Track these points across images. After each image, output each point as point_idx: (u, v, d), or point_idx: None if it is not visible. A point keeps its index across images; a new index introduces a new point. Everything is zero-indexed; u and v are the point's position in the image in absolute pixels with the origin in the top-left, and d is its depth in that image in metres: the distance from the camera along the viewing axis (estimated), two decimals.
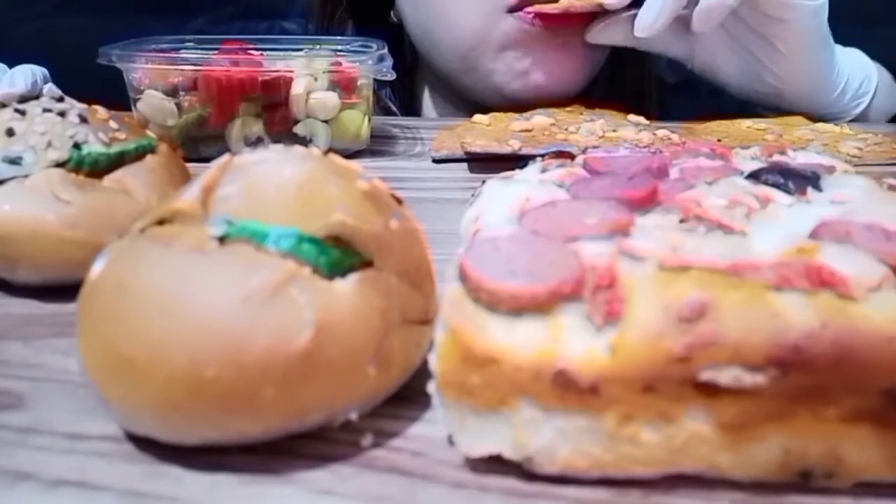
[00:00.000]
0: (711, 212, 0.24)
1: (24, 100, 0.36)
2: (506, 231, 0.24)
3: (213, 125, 0.52)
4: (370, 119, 0.55)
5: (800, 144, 0.53)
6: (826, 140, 0.55)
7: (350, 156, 0.52)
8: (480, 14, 0.61)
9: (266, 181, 0.24)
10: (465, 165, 0.53)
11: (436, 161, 0.54)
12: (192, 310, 0.21)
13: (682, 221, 0.24)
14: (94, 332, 0.22)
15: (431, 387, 0.21)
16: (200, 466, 0.22)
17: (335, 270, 0.23)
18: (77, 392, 0.26)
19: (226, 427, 0.22)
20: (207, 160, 0.33)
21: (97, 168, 0.34)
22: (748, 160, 0.30)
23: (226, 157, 0.26)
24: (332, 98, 0.52)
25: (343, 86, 0.53)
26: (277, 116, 0.52)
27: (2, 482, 0.22)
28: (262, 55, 0.54)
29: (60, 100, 0.36)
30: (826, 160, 0.30)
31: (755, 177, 0.27)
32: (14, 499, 0.21)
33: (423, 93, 0.78)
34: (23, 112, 0.34)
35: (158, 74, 0.51)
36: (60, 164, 0.33)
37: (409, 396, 0.25)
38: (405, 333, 0.24)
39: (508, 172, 0.30)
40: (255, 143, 0.52)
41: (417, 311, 0.25)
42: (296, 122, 0.53)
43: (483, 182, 0.29)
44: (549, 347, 0.20)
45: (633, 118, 0.59)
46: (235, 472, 0.22)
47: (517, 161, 0.40)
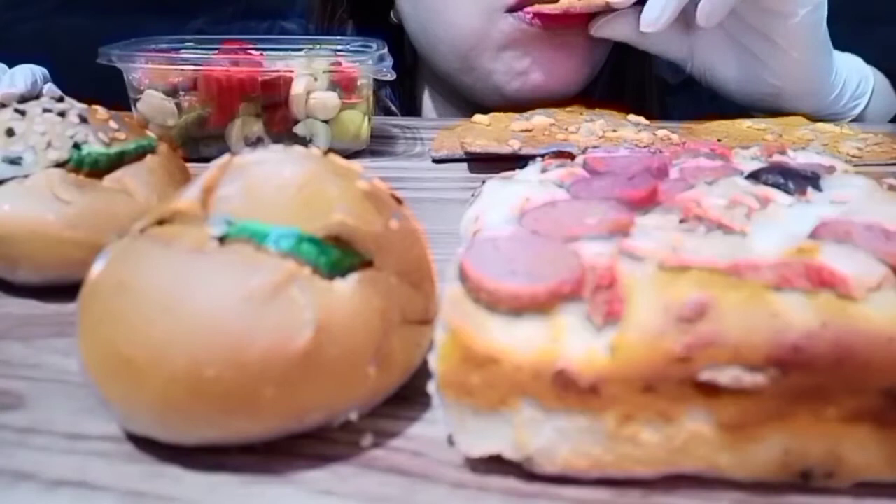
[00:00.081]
0: (711, 212, 0.24)
1: (24, 100, 0.36)
2: (506, 231, 0.24)
3: (213, 125, 0.52)
4: (370, 119, 0.55)
5: (800, 144, 0.53)
6: (826, 140, 0.55)
7: (350, 156, 0.52)
8: (480, 14, 0.61)
9: (266, 181, 0.24)
10: (465, 165, 0.53)
11: (436, 161, 0.54)
12: (193, 310, 0.21)
13: (682, 221, 0.24)
14: (94, 332, 0.22)
15: (431, 387, 0.21)
16: (200, 466, 0.22)
17: (335, 270, 0.23)
18: (77, 392, 0.26)
19: (226, 427, 0.22)
20: (207, 160, 0.33)
21: (97, 168, 0.34)
22: (748, 160, 0.30)
23: (226, 157, 0.26)
24: (332, 98, 0.52)
25: (343, 86, 0.53)
26: (277, 116, 0.52)
27: (2, 482, 0.22)
28: (262, 55, 0.54)
29: (60, 100, 0.36)
30: (826, 160, 0.30)
31: (755, 177, 0.27)
32: (14, 499, 0.21)
33: (424, 93, 0.78)
34: (23, 112, 0.34)
35: (158, 74, 0.51)
36: (60, 164, 0.33)
37: (409, 396, 0.25)
38: (405, 333, 0.24)
39: (508, 172, 0.30)
40: (255, 143, 0.52)
41: (417, 311, 0.25)
42: (296, 122, 0.53)
43: (483, 182, 0.29)
44: (549, 347, 0.20)
45: (633, 118, 0.59)
46: (235, 472, 0.22)
47: (517, 161, 0.40)
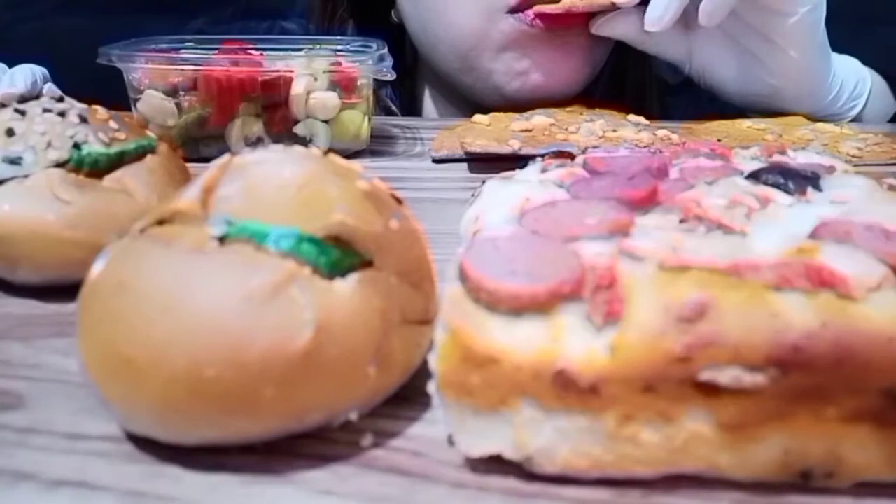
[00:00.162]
0: (711, 212, 0.24)
1: (24, 100, 0.36)
2: (506, 231, 0.24)
3: (213, 125, 0.52)
4: (370, 119, 0.55)
5: (800, 144, 0.53)
6: (826, 140, 0.55)
7: (350, 156, 0.52)
8: (480, 14, 0.61)
9: (266, 181, 0.24)
10: (465, 165, 0.53)
11: (436, 161, 0.54)
12: (193, 310, 0.21)
13: (682, 221, 0.24)
14: (94, 332, 0.22)
15: (431, 387, 0.21)
16: (200, 466, 0.22)
17: (335, 270, 0.23)
18: (77, 392, 0.26)
19: (226, 427, 0.22)
20: (207, 160, 0.33)
21: (97, 168, 0.34)
22: (748, 160, 0.30)
23: (226, 157, 0.26)
24: (332, 98, 0.52)
25: (343, 86, 0.53)
26: (277, 116, 0.52)
27: (2, 482, 0.22)
28: (262, 55, 0.54)
29: (60, 100, 0.36)
30: (826, 160, 0.30)
31: (755, 177, 0.27)
32: (14, 499, 0.21)
33: (424, 92, 0.78)
34: (23, 112, 0.34)
35: (158, 74, 0.51)
36: (60, 164, 0.33)
37: (409, 396, 0.25)
38: (405, 333, 0.24)
39: (508, 172, 0.30)
40: (255, 143, 0.52)
41: (417, 311, 0.25)
42: (296, 122, 0.53)
43: (483, 182, 0.29)
44: (549, 347, 0.20)
45: (633, 118, 0.59)
46: (235, 472, 0.22)
47: (517, 161, 0.40)
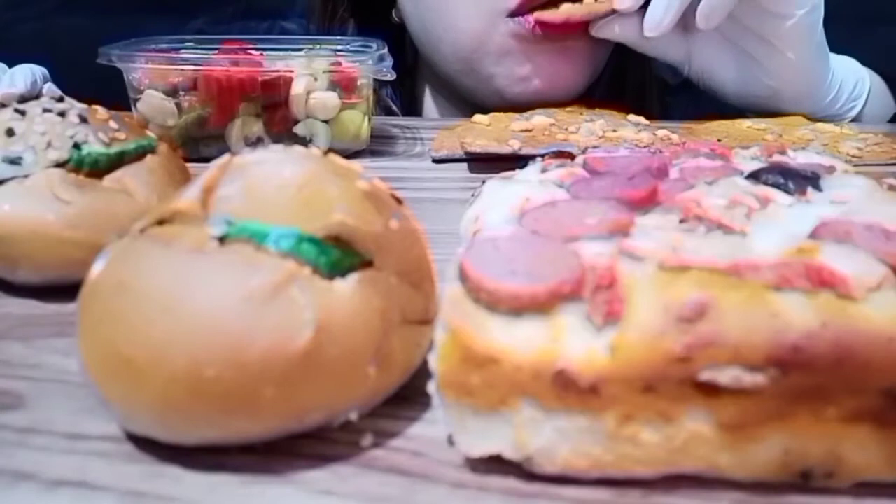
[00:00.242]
0: (711, 212, 0.24)
1: (24, 100, 0.36)
2: (506, 231, 0.24)
3: (213, 125, 0.52)
4: (370, 119, 0.55)
5: (800, 144, 0.53)
6: (826, 140, 0.55)
7: (350, 156, 0.52)
8: (481, 16, 0.61)
9: (266, 181, 0.24)
10: (465, 165, 0.53)
11: (436, 161, 0.54)
12: (192, 310, 0.21)
13: (682, 221, 0.24)
14: (94, 332, 0.22)
15: (431, 387, 0.21)
16: (200, 466, 0.22)
17: (335, 270, 0.23)
18: (77, 392, 0.26)
19: (226, 427, 0.22)
20: (207, 160, 0.33)
21: (97, 168, 0.34)
22: (748, 160, 0.30)
23: (226, 157, 0.26)
24: (332, 98, 0.52)
25: (343, 86, 0.53)
26: (277, 116, 0.52)
27: (2, 482, 0.22)
28: (262, 55, 0.54)
29: (60, 100, 0.36)
30: (826, 160, 0.30)
31: (755, 177, 0.27)
32: (14, 499, 0.21)
33: (425, 93, 0.78)
34: (23, 112, 0.34)
35: (158, 74, 0.51)
36: (60, 164, 0.33)
37: (409, 396, 0.25)
38: (405, 333, 0.24)
39: (508, 172, 0.30)
40: (255, 143, 0.52)
41: (417, 311, 0.25)
42: (296, 122, 0.53)
43: (483, 182, 0.29)
44: (549, 347, 0.20)
45: (633, 118, 0.59)
46: (235, 472, 0.22)
47: (517, 161, 0.40)
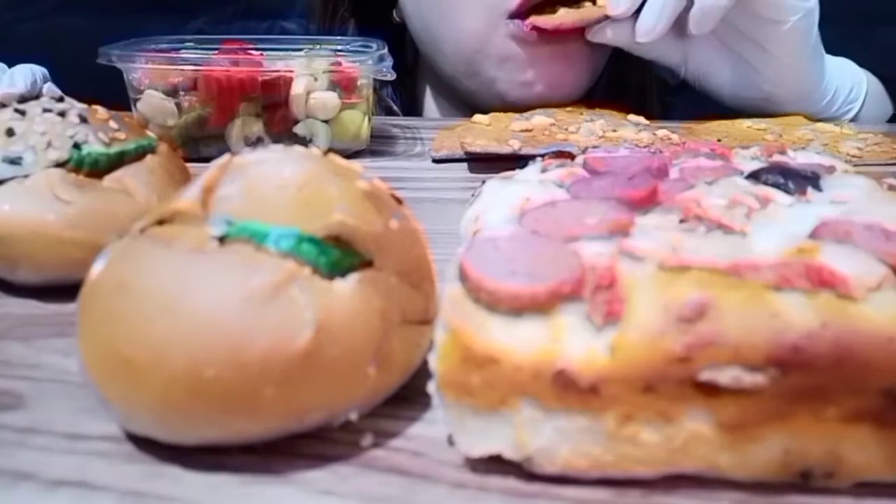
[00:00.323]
0: (711, 212, 0.24)
1: (24, 100, 0.36)
2: (506, 231, 0.24)
3: (213, 125, 0.52)
4: (370, 119, 0.55)
5: (800, 144, 0.53)
6: (826, 140, 0.56)
7: (350, 156, 0.52)
8: (483, 17, 0.61)
9: (266, 181, 0.24)
10: (465, 165, 0.53)
11: (436, 161, 0.54)
12: (192, 310, 0.21)
13: (682, 221, 0.24)
14: (94, 332, 0.22)
15: (431, 387, 0.21)
16: (200, 466, 0.22)
17: (335, 270, 0.23)
18: (77, 392, 0.26)
19: (226, 427, 0.22)
20: (207, 160, 0.33)
21: (97, 168, 0.34)
22: (748, 160, 0.30)
23: (226, 157, 0.26)
24: (332, 98, 0.52)
25: (343, 86, 0.53)
26: (277, 116, 0.52)
27: (2, 482, 0.22)
28: (262, 55, 0.54)
29: (60, 100, 0.36)
30: (826, 160, 0.30)
31: (755, 177, 0.27)
32: (14, 499, 0.21)
33: (425, 92, 0.78)
34: (23, 112, 0.34)
35: (158, 74, 0.51)
36: (60, 164, 0.33)
37: (409, 396, 0.25)
38: (405, 333, 0.24)
39: (508, 172, 0.30)
40: (255, 143, 0.52)
41: (417, 311, 0.25)
42: (296, 122, 0.53)
43: (483, 182, 0.29)
44: (549, 347, 0.20)
45: (633, 118, 0.59)
46: (235, 472, 0.22)
47: (517, 161, 0.40)
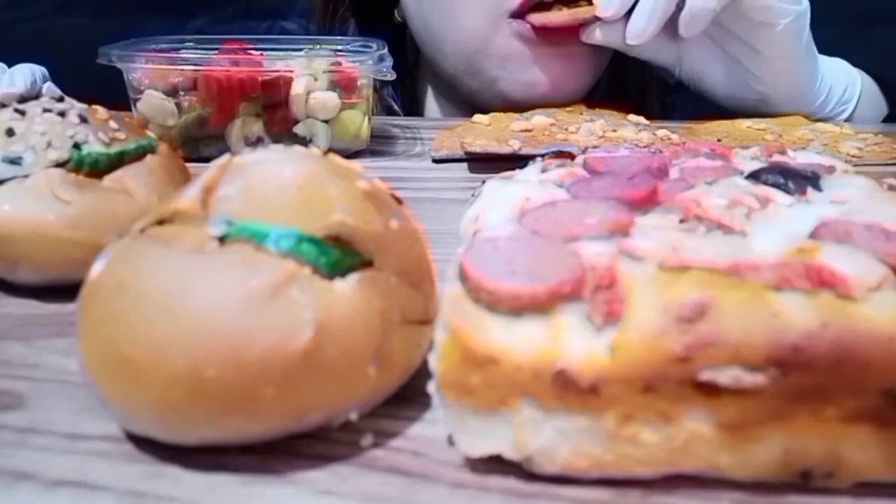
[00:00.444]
0: (711, 212, 0.24)
1: (24, 100, 0.36)
2: (506, 231, 0.24)
3: (213, 125, 0.52)
4: (370, 119, 0.55)
5: (800, 144, 0.53)
6: (826, 140, 0.56)
7: (350, 156, 0.52)
8: (484, 16, 0.61)
9: (266, 181, 0.24)
10: (465, 165, 0.53)
11: (436, 161, 0.54)
12: (192, 310, 0.21)
13: (682, 221, 0.24)
14: (94, 332, 0.22)
15: (431, 387, 0.21)
16: (200, 466, 0.22)
17: (335, 270, 0.23)
18: (77, 392, 0.26)
19: (226, 427, 0.22)
20: (207, 160, 0.33)
21: (97, 168, 0.34)
22: (748, 160, 0.30)
23: (226, 157, 0.26)
24: (332, 98, 0.52)
25: (343, 86, 0.53)
26: (277, 116, 0.52)
27: (2, 482, 0.22)
28: (262, 55, 0.54)
29: (60, 100, 0.36)
30: (826, 160, 0.30)
31: (755, 177, 0.27)
32: (14, 499, 0.21)
33: (426, 92, 0.78)
34: (23, 112, 0.34)
35: (158, 74, 0.51)
36: (60, 164, 0.33)
37: (409, 396, 0.25)
38: (405, 333, 0.24)
39: (508, 172, 0.30)
40: (255, 143, 0.52)
41: (417, 311, 0.25)
42: (296, 122, 0.53)
43: (483, 182, 0.29)
44: (549, 347, 0.20)
45: (633, 118, 0.59)
46: (235, 472, 0.22)
47: (517, 161, 0.40)
